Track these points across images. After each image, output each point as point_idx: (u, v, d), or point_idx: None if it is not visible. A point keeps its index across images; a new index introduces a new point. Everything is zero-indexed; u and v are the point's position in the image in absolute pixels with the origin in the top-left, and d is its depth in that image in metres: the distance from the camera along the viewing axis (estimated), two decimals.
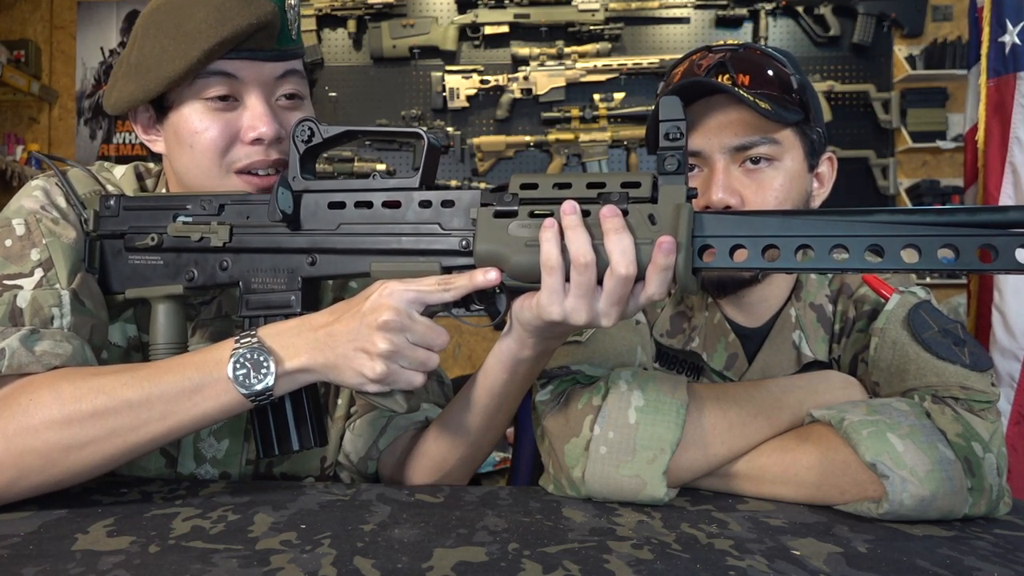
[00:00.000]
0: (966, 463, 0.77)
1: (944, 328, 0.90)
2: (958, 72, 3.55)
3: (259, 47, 0.89)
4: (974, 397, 0.84)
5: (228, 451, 0.98)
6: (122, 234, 0.91)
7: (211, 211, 0.88)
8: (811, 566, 0.64)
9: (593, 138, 3.72)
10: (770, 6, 3.75)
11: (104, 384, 0.76)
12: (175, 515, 0.75)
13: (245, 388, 0.76)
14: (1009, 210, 0.63)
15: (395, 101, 3.86)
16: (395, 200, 0.81)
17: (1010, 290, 1.91)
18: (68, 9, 4.14)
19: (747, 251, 0.68)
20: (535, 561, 0.63)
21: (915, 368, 0.88)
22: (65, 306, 0.83)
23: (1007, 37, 1.92)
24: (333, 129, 0.83)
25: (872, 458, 0.77)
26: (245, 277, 0.87)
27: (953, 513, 0.77)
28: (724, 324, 1.03)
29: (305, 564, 0.62)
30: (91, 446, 0.74)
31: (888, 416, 0.80)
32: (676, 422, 0.81)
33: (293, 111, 0.95)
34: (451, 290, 0.76)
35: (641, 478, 0.80)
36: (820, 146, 0.99)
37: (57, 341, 0.80)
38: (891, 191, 3.71)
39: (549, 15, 3.77)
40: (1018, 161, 1.93)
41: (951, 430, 0.80)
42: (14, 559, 0.63)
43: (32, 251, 0.85)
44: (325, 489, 0.85)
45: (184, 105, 0.91)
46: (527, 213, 0.75)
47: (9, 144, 3.98)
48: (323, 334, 0.77)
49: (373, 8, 3.82)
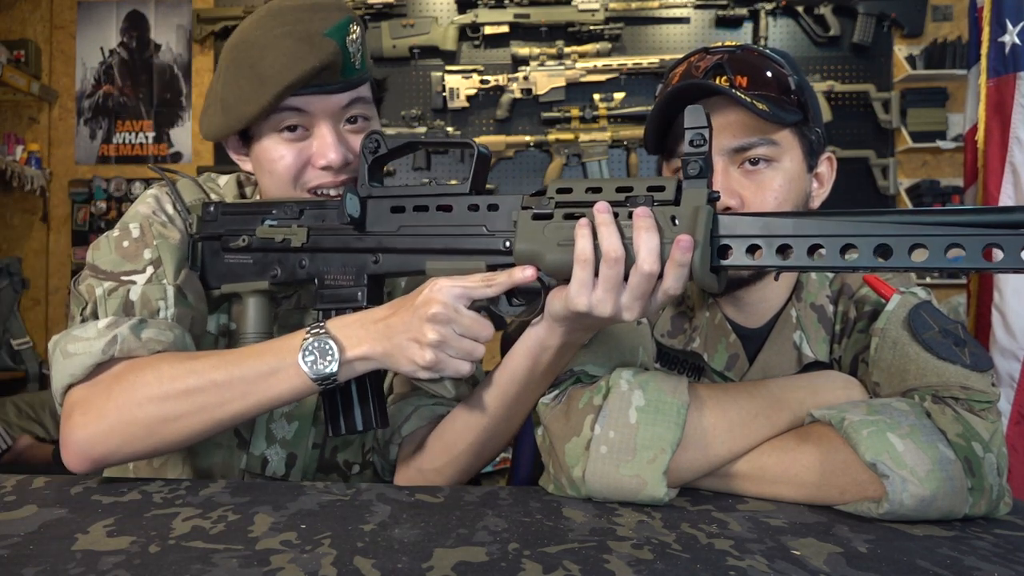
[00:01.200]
0: (966, 463, 0.77)
1: (944, 328, 0.90)
2: (958, 72, 3.55)
3: (326, 82, 0.96)
4: (974, 397, 0.84)
5: (297, 433, 1.07)
6: (219, 236, 1.01)
7: (292, 215, 0.98)
8: (811, 566, 0.64)
9: (593, 138, 3.72)
10: (770, 6, 3.74)
11: (196, 366, 0.86)
12: (175, 515, 0.75)
13: (313, 373, 0.84)
14: (1015, 210, 0.64)
15: (395, 101, 3.86)
16: (448, 204, 0.89)
17: (1010, 290, 1.91)
18: (68, 9, 4.14)
19: (763, 250, 0.71)
20: (535, 561, 0.63)
21: (915, 368, 0.88)
22: (169, 299, 0.95)
23: (1007, 37, 1.92)
24: (397, 141, 0.93)
25: (872, 458, 0.77)
26: (320, 274, 0.96)
27: (953, 513, 0.77)
28: (725, 325, 1.03)
29: (305, 564, 0.62)
30: (184, 419, 0.85)
31: (888, 416, 0.80)
32: (677, 422, 0.82)
33: (360, 133, 1.02)
34: (493, 286, 0.82)
35: (641, 478, 0.80)
36: (819, 146, 0.99)
37: (161, 330, 0.92)
38: (891, 191, 3.70)
39: (549, 15, 3.77)
40: (1018, 161, 1.93)
41: (951, 430, 0.80)
42: (14, 559, 0.63)
43: (145, 251, 0.97)
44: (325, 489, 0.85)
45: (264, 138, 1.01)
46: (562, 215, 0.81)
47: (9, 144, 3.98)
48: (382, 326, 0.84)
49: (373, 8, 3.82)
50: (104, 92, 4.12)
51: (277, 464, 1.06)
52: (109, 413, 0.85)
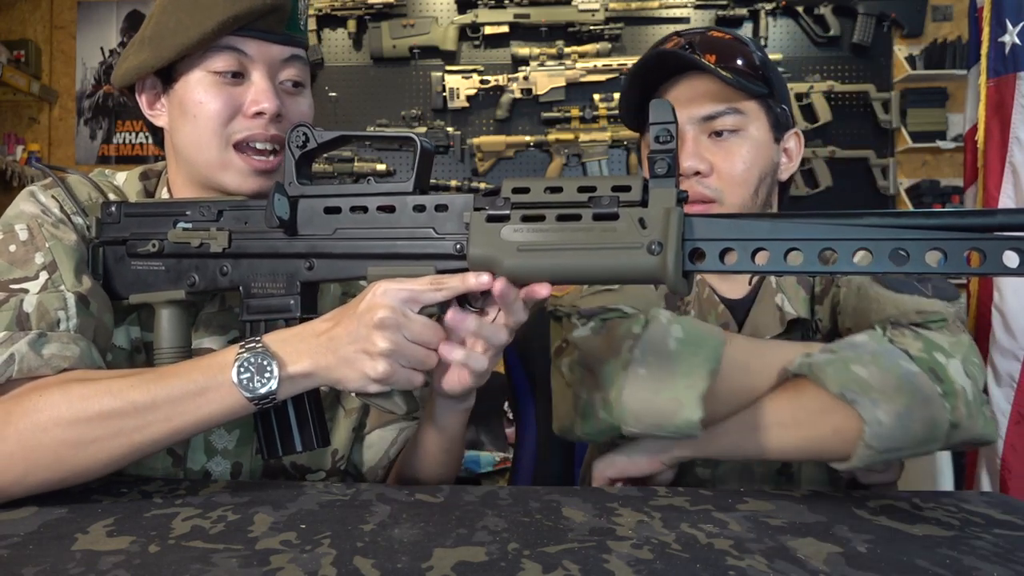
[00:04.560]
0: (931, 373, 0.81)
1: None
2: (958, 72, 3.55)
3: (269, 29, 0.92)
4: (930, 319, 0.89)
5: (239, 441, 0.98)
6: (124, 240, 0.92)
7: (210, 217, 0.89)
8: (811, 566, 0.64)
9: (593, 138, 3.72)
10: (770, 6, 3.74)
11: (112, 386, 0.77)
12: (175, 515, 0.75)
13: (249, 391, 0.77)
14: (997, 213, 0.64)
15: (395, 101, 3.86)
16: (390, 204, 0.82)
17: (1010, 290, 1.91)
18: (68, 9, 4.14)
19: (736, 254, 0.68)
20: (535, 561, 0.63)
21: (876, 306, 0.94)
22: (70, 308, 0.85)
23: (1007, 37, 1.92)
24: (327, 134, 0.84)
25: (839, 389, 0.81)
26: (245, 282, 0.88)
27: (937, 423, 0.79)
28: (713, 297, 1.09)
29: (305, 564, 0.62)
30: (97, 444, 0.76)
31: (850, 350, 0.85)
32: (714, 355, 0.86)
33: (295, 96, 0.97)
34: (443, 290, 0.76)
35: (679, 400, 0.84)
36: (785, 121, 1.07)
37: (64, 343, 0.82)
38: (891, 191, 3.70)
39: (549, 15, 3.76)
40: (1018, 161, 1.92)
41: (913, 347, 0.84)
42: (14, 559, 0.63)
43: (36, 255, 0.86)
44: (325, 489, 0.85)
45: (191, 76, 0.92)
46: (519, 217, 0.75)
47: (9, 144, 3.98)
48: (325, 339, 0.78)
49: (373, 8, 3.82)
50: (104, 92, 4.12)
51: (222, 475, 0.98)
52: (8, 438, 0.75)
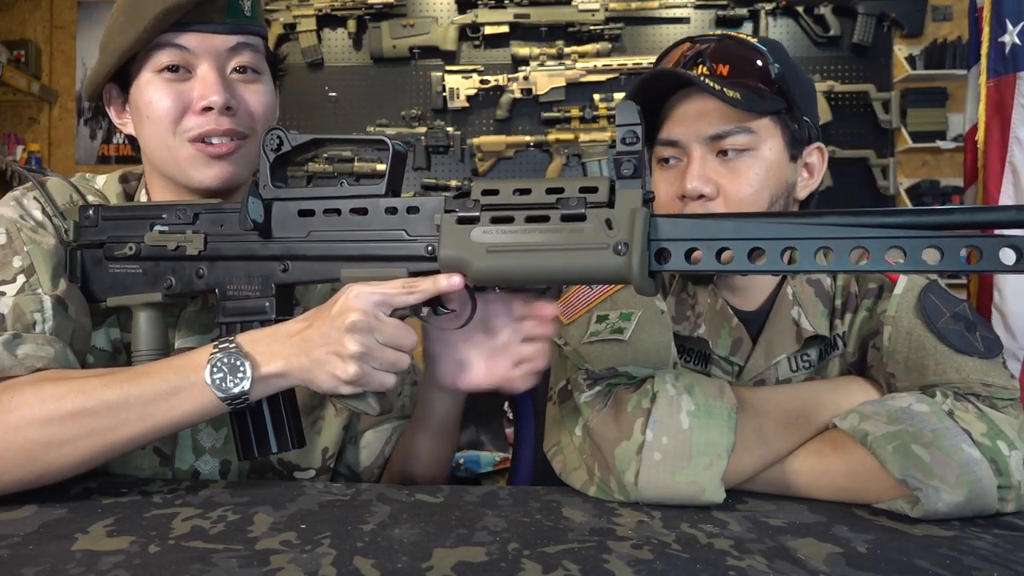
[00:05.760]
0: (993, 463, 0.77)
1: (954, 312, 0.91)
2: (958, 72, 3.54)
3: (208, 19, 0.91)
4: (997, 394, 0.85)
5: (227, 439, 0.98)
6: (101, 243, 0.92)
7: (186, 220, 0.90)
8: (811, 566, 0.64)
9: (593, 138, 3.71)
10: (770, 6, 3.74)
11: (85, 385, 0.78)
12: (175, 515, 0.75)
13: (222, 391, 0.77)
14: (995, 210, 0.64)
15: (395, 101, 3.86)
16: (362, 207, 0.83)
17: (1010, 290, 1.91)
18: (68, 9, 4.14)
19: (702, 253, 0.69)
20: (535, 561, 0.63)
21: (934, 363, 0.89)
22: (47, 311, 0.86)
23: (1007, 37, 1.92)
24: (300, 138, 0.85)
25: (901, 474, 0.77)
26: (221, 284, 0.88)
27: (986, 510, 0.78)
28: (726, 310, 1.04)
29: (305, 564, 0.62)
30: (70, 444, 0.77)
31: (910, 423, 0.80)
32: (729, 427, 0.82)
33: (249, 84, 0.96)
34: (415, 293, 0.78)
35: (699, 484, 0.79)
36: (804, 136, 1.00)
37: (39, 344, 0.83)
38: (891, 191, 3.69)
39: (549, 15, 3.76)
40: (1018, 161, 1.92)
41: (976, 429, 0.80)
42: (14, 559, 0.63)
43: (14, 259, 0.87)
44: (325, 489, 0.85)
45: (141, 78, 0.94)
46: (489, 219, 0.76)
47: (9, 144, 3.98)
48: (298, 340, 0.79)
49: (373, 8, 3.81)
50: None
51: (211, 473, 0.98)
52: None
